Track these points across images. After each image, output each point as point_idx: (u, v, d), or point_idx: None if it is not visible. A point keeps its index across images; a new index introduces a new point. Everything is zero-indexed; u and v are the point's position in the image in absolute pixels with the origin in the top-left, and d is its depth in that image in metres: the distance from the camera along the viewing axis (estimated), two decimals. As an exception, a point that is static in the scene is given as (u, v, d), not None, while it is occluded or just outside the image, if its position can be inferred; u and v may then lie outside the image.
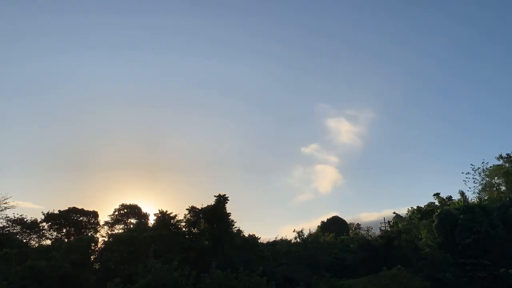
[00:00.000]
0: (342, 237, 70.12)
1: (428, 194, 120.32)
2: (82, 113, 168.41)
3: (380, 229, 72.20)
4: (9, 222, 50.13)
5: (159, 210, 52.84)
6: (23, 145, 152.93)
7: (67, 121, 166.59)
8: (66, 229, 54.24)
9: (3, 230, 49.00)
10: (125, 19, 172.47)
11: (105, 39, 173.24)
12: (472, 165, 59.59)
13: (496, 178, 57.34)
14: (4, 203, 49.18)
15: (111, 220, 57.15)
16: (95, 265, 48.22)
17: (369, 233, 76.87)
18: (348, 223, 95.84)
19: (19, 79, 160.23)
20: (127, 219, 57.74)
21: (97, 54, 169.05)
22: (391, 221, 74.25)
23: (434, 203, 61.12)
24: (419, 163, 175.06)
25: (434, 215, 47.65)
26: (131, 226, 55.72)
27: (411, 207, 66.50)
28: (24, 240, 50.69)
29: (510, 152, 56.10)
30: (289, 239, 61.95)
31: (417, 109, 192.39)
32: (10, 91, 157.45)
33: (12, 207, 50.03)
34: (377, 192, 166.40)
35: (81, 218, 55.61)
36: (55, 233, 53.89)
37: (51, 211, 54.44)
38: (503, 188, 55.58)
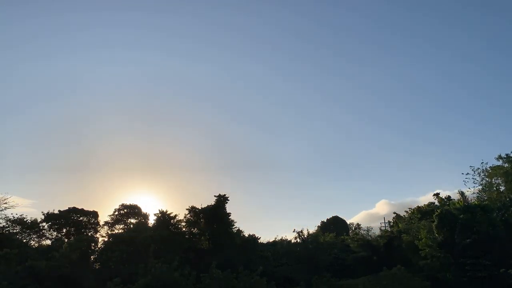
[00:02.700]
0: (342, 237, 70.05)
1: (429, 194, 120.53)
2: (81, 113, 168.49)
3: (380, 229, 72.20)
4: (9, 222, 50.06)
5: (159, 210, 52.88)
6: (24, 146, 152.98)
7: (67, 121, 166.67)
8: (66, 229, 54.22)
9: (3, 230, 48.92)
10: (121, 18, 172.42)
11: (103, 38, 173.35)
12: (472, 166, 59.49)
13: (495, 178, 57.22)
14: (4, 203, 49.13)
15: (111, 220, 57.10)
16: (95, 265, 48.23)
17: (369, 233, 76.75)
18: (348, 223, 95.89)
19: (20, 79, 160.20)
20: (127, 219, 57.66)
21: (95, 54, 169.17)
22: (391, 221, 74.27)
23: (434, 203, 61.07)
24: (419, 163, 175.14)
25: (434, 215, 47.56)
26: (131, 226, 55.68)
27: (410, 208, 66.49)
28: (24, 240, 50.65)
29: (509, 152, 56.03)
30: (289, 239, 62.00)
31: (416, 109, 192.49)
32: (11, 91, 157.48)
33: (12, 207, 50.00)
34: (377, 192, 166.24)
35: (81, 218, 55.59)
36: (55, 233, 53.89)
37: (51, 211, 54.49)
38: (502, 188, 55.45)
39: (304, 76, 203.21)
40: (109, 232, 55.25)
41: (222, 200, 52.39)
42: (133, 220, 57.86)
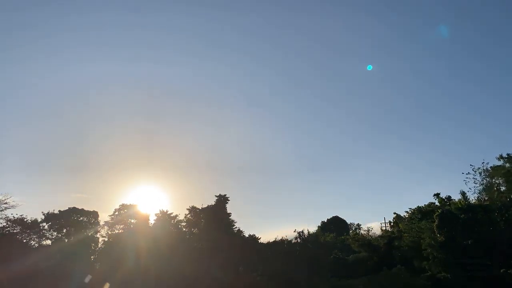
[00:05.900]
0: (342, 237, 69.93)
1: (429, 194, 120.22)
2: (82, 113, 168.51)
3: (381, 229, 72.09)
4: (9, 222, 49.95)
5: (159, 210, 52.86)
6: (24, 146, 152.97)
7: (68, 121, 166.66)
8: (66, 229, 54.07)
9: (3, 230, 48.83)
10: (125, 18, 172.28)
11: (105, 38, 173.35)
12: (472, 165, 59.32)
13: (496, 178, 57.09)
14: (4, 203, 49.00)
15: (111, 220, 56.96)
16: (95, 265, 48.18)
17: (370, 233, 76.67)
18: (348, 223, 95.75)
19: (20, 79, 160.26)
20: (127, 219, 57.51)
21: (96, 53, 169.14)
22: (391, 221, 74.05)
23: (434, 203, 60.90)
24: (419, 163, 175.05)
25: (434, 215, 47.48)
26: (131, 226, 55.57)
27: (410, 209, 66.28)
28: (24, 240, 50.55)
29: (510, 152, 55.88)
30: (289, 239, 61.86)
31: (416, 109, 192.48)
32: (11, 91, 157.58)
33: (12, 207, 49.86)
34: (376, 193, 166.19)
35: (81, 218, 55.45)
36: (55, 233, 53.76)
37: (51, 211, 54.38)
38: (503, 188, 55.34)
39: (305, 77, 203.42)
40: (109, 232, 55.12)
41: (222, 200, 52.36)
42: (133, 220, 57.71)
